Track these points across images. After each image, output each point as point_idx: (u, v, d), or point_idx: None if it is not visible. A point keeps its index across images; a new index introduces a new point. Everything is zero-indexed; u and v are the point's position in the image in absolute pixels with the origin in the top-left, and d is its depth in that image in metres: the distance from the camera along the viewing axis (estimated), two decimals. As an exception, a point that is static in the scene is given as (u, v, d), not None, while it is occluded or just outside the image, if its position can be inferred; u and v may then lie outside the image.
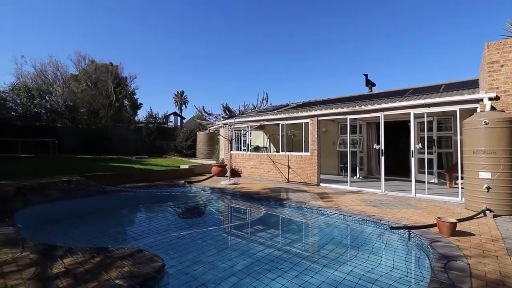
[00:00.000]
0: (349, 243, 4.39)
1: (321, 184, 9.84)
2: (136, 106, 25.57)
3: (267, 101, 26.65)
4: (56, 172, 9.02)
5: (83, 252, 3.33)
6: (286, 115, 10.98)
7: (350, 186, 9.00)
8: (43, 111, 18.44)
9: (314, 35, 48.82)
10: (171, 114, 27.07)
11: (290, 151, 11.13)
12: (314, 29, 47.47)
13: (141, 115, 26.38)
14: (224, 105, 25.05)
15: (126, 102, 24.43)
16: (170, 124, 27.44)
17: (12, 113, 17.33)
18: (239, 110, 25.28)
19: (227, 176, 10.87)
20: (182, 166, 12.80)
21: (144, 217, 6.71)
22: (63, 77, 20.78)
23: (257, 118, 12.22)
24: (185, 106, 56.49)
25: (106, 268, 2.90)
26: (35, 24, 38.09)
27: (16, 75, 19.43)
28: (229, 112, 25.02)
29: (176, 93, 56.22)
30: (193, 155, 19.56)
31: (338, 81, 59.47)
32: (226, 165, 12.64)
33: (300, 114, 10.49)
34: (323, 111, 9.79)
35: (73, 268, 2.90)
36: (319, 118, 10.04)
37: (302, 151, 10.59)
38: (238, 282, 2.94)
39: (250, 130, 12.77)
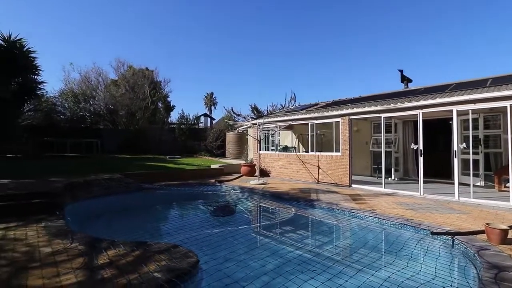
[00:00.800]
0: (385, 248, 4.19)
1: (352, 185, 9.50)
2: (169, 108, 26.82)
3: (294, 101, 26.36)
4: (99, 170, 9.74)
5: (124, 245, 3.57)
6: (316, 115, 10.77)
7: (384, 188, 8.58)
8: (87, 114, 20.06)
9: (341, 34, 47.28)
10: (201, 115, 27.93)
11: (319, 151, 10.90)
12: (340, 26, 45.98)
13: (174, 116, 27.58)
14: (253, 106, 25.24)
15: (160, 104, 25.70)
16: (201, 125, 28.30)
17: (61, 116, 19.10)
18: (267, 110, 25.30)
19: (256, 176, 10.93)
20: (212, 166, 13.12)
21: (177, 214, 7.01)
22: (104, 82, 22.43)
23: (285, 118, 12.14)
24: (215, 108, 57.89)
25: (145, 261, 3.07)
26: (81, 34, 41.63)
27: (64, 82, 21.42)
28: (257, 113, 25.15)
29: (206, 95, 57.82)
30: (223, 155, 19.96)
31: (368, 79, 56.98)
32: (255, 165, 12.73)
33: (330, 113, 10.23)
34: (355, 110, 9.45)
35: (116, 260, 3.11)
36: (351, 117, 9.70)
37: (333, 151, 10.32)
38: (270, 281, 2.95)
39: (279, 130, 12.71)
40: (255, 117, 23.35)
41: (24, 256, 3.25)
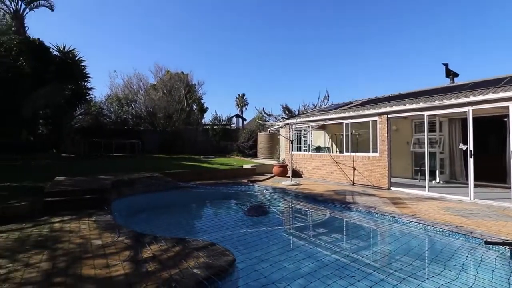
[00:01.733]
0: (431, 257, 3.88)
1: (392, 188, 8.98)
2: (203, 110, 27.77)
3: (328, 100, 25.65)
4: (141, 169, 10.38)
5: (165, 241, 3.76)
6: (351, 114, 10.37)
7: (428, 191, 7.97)
8: (129, 116, 21.55)
9: (380, 31, 44.84)
10: (233, 116, 28.44)
11: (355, 152, 10.47)
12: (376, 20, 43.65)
13: (207, 118, 28.47)
14: (284, 106, 25.05)
15: (194, 106, 26.70)
16: (233, 125, 28.84)
17: (107, 119, 20.77)
18: (299, 110, 24.96)
19: (288, 177, 10.84)
20: (244, 166, 13.29)
21: (212, 212, 7.22)
22: (144, 87, 23.91)
23: (318, 117, 11.86)
24: (246, 108, 58.60)
25: (185, 257, 3.20)
26: (125, 43, 44.93)
27: (110, 87, 23.26)
28: (288, 112, 24.92)
29: (237, 96, 58.77)
30: (254, 155, 20.10)
31: (405, 76, 53.38)
32: (287, 165, 12.63)
33: (367, 112, 9.78)
34: (394, 108, 8.91)
35: (158, 255, 3.29)
36: (389, 116, 9.17)
37: (369, 152, 9.84)
38: (307, 285, 2.90)
39: (311, 130, 12.47)
40: (286, 117, 23.17)
41: (78, 247, 3.58)
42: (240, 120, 31.27)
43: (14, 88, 10.73)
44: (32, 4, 16.46)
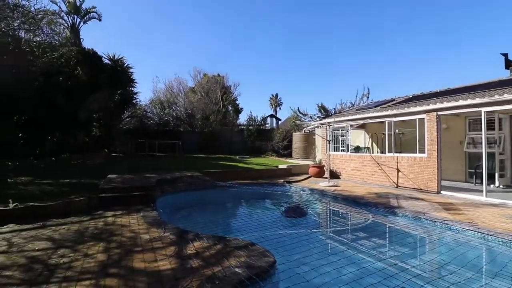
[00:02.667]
0: (495, 271, 3.46)
1: (442, 192, 8.22)
2: (238, 111, 28.30)
3: (367, 98, 24.43)
4: (182, 168, 10.88)
5: (207, 238, 3.88)
6: (394, 111, 9.72)
7: (486, 196, 7.14)
8: (170, 118, 22.79)
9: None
10: (268, 116, 28.49)
11: (398, 152, 9.80)
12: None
13: (242, 118, 28.96)
14: (319, 105, 24.43)
15: (230, 107, 27.33)
16: (267, 126, 28.92)
17: (151, 121, 22.21)
18: (335, 109, 24.15)
19: (325, 178, 10.54)
20: (280, 166, 13.22)
21: (249, 211, 7.28)
22: (184, 90, 25.10)
23: (358, 116, 11.33)
24: (279, 108, 58.37)
25: (227, 255, 3.27)
26: (166, 49, 47.71)
27: (153, 91, 24.86)
28: (324, 112, 24.24)
29: (271, 96, 58.80)
30: (289, 155, 19.91)
31: (453, 70, 48.49)
32: (324, 166, 12.28)
33: (412, 109, 9.08)
34: (445, 104, 8.15)
35: (201, 252, 3.41)
36: (439, 113, 8.41)
37: (415, 152, 9.14)
38: (351, 292, 2.77)
39: (350, 130, 11.95)
40: (322, 116, 22.56)
41: (129, 240, 3.85)
42: (275, 120, 31.22)
43: (73, 94, 12.00)
44: (85, 17, 18.27)
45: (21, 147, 10.09)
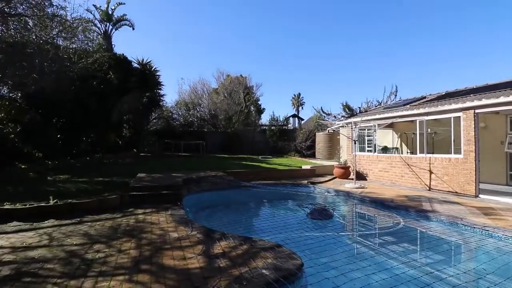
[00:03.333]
0: (546, 284, 3.14)
1: (480, 195, 7.64)
2: (260, 111, 28.35)
3: (395, 95, 23.39)
4: (206, 168, 11.10)
5: (233, 238, 3.91)
6: (427, 110, 9.19)
7: (534, 202, 6.53)
8: (195, 119, 23.37)
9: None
10: (290, 116, 28.23)
11: (431, 153, 9.27)
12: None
13: (264, 118, 28.98)
14: (344, 104, 23.77)
15: (252, 108, 27.46)
16: (290, 126, 28.69)
17: (176, 122, 22.92)
18: (360, 108, 23.38)
19: (351, 179, 10.23)
20: (303, 167, 13.04)
21: (273, 212, 7.25)
22: (207, 91, 25.63)
23: (387, 115, 10.87)
24: (302, 108, 57.58)
25: (253, 256, 3.27)
26: (190, 51, 49.06)
27: (178, 93, 25.66)
28: (349, 111, 23.55)
29: (293, 96, 58.19)
30: (312, 156, 19.60)
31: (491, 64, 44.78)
32: (349, 167, 11.92)
33: (447, 107, 8.54)
34: (484, 101, 7.56)
35: (228, 252, 3.43)
36: (477, 111, 7.83)
37: (450, 153, 8.58)
38: (384, 300, 2.65)
39: (377, 129, 11.50)
40: (347, 115, 21.94)
41: (159, 238, 3.98)
42: (297, 120, 30.86)
43: (105, 97, 12.71)
44: (117, 24, 19.24)
45: (60, 147, 10.85)
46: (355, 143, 11.22)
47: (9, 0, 7.96)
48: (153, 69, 15.25)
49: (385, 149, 12.43)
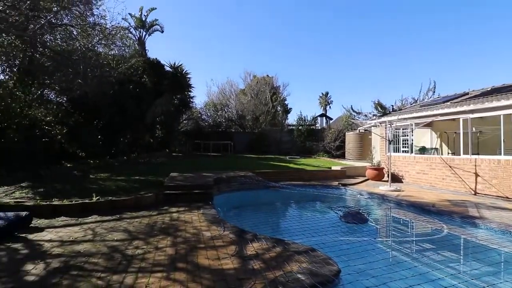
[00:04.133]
0: None
1: (538, 202, 6.85)
2: (286, 111, 28.11)
3: (433, 92, 21.93)
4: (234, 168, 11.20)
5: (266, 240, 3.87)
6: (472, 107, 8.46)
7: None
8: (223, 120, 23.79)
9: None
10: (318, 115, 27.64)
11: (476, 154, 8.50)
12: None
13: (291, 118, 28.70)
14: (376, 102, 22.73)
15: (279, 108, 27.31)
16: (318, 125, 28.09)
17: (205, 123, 23.51)
18: (392, 106, 22.20)
19: (384, 181, 9.73)
20: (333, 168, 12.66)
21: (304, 214, 7.10)
22: (235, 92, 25.97)
23: (425, 113, 10.18)
24: (329, 107, 56.06)
25: (287, 260, 3.19)
26: (219, 53, 50.14)
27: (207, 94, 26.33)
28: (381, 109, 22.48)
29: (320, 95, 56.88)
30: (342, 156, 19.02)
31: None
32: (383, 168, 11.36)
33: (496, 103, 7.78)
34: (543, 97, 6.77)
35: (261, 254, 3.40)
36: (534, 108, 7.04)
37: (499, 154, 7.81)
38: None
39: (415, 128, 10.81)
40: (380, 114, 20.95)
41: (193, 237, 4.06)
42: (325, 119, 30.11)
43: (140, 100, 13.39)
44: (149, 30, 20.20)
45: (101, 148, 11.62)
46: (390, 143, 10.64)
47: (56, 12, 8.67)
48: (184, 71, 15.79)
49: (422, 150, 11.66)
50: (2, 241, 3.68)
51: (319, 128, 26.16)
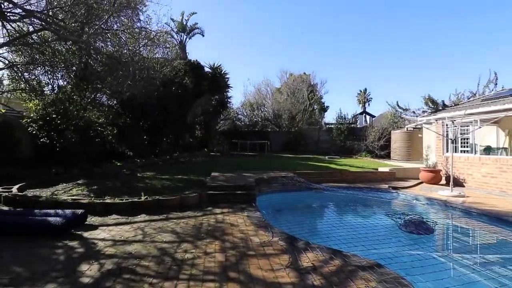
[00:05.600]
0: None
1: None
2: (323, 109, 27.14)
3: (495, 84, 19.32)
4: (273, 168, 10.90)
5: (320, 250, 3.49)
6: (560, 99, 7.08)
7: None
8: (259, 119, 23.68)
9: None
10: (359, 113, 26.21)
11: None
12: None
13: (330, 116, 27.65)
14: (426, 97, 20.66)
15: (315, 106, 26.44)
16: (359, 124, 26.63)
17: (241, 122, 23.65)
18: (443, 101, 19.97)
19: (442, 185, 8.64)
20: (380, 169, 11.70)
21: (354, 220, 6.44)
22: (271, 91, 25.72)
23: (494, 107, 8.84)
24: (368, 105, 52.93)
25: (350, 276, 2.79)
26: (256, 53, 50.41)
27: (244, 94, 26.48)
28: (433, 104, 20.41)
29: (359, 92, 54.01)
30: (387, 156, 17.72)
31: None
32: (440, 170, 10.16)
33: None
34: None
35: (318, 266, 3.03)
36: None
37: None
38: None
39: (481, 126, 9.47)
40: (431, 110, 19.03)
41: (241, 242, 3.83)
42: (368, 117, 28.43)
43: (182, 101, 13.80)
44: (190, 34, 20.85)
45: (146, 147, 12.20)
46: (452, 142, 9.40)
47: (107, 19, 9.19)
48: (222, 72, 15.94)
49: (488, 150, 10.20)
50: (60, 238, 3.83)
51: (361, 126, 24.76)
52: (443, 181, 9.89)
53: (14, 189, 5.98)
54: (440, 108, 18.23)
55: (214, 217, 5.09)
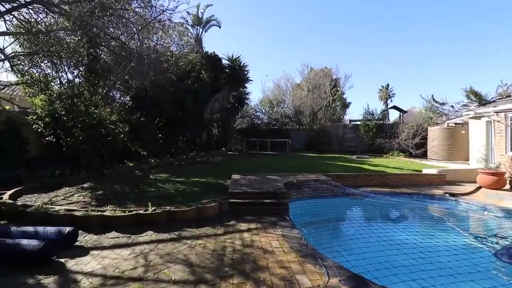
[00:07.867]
0: None
1: None
2: (345, 105, 25.42)
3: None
4: (298, 169, 9.59)
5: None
6: None
7: None
8: (279, 116, 22.34)
9: None
10: (389, 108, 24.16)
11: None
12: None
13: (356, 113, 25.87)
14: (468, 89, 18.50)
15: (337, 102, 24.75)
16: (388, 120, 24.63)
17: (260, 120, 22.40)
18: (485, 95, 17.75)
19: (507, 190, 6.99)
20: (424, 171, 10.08)
21: (424, 242, 4.64)
22: (291, 86, 24.30)
23: None
24: (391, 101, 49.79)
25: None
26: (275, 46, 48.99)
27: (262, 91, 25.26)
28: (476, 98, 18.23)
29: (380, 88, 51.01)
30: (424, 155, 15.95)
31: None
32: (504, 173, 8.45)
33: None
34: None
35: None
36: None
37: None
38: None
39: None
40: (476, 104, 16.92)
41: (284, 285, 2.61)
42: (397, 113, 26.25)
43: (198, 95, 12.81)
44: (206, 26, 19.88)
45: (161, 146, 11.31)
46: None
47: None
48: (242, 64, 14.78)
49: None
50: (35, 269, 2.80)
51: (392, 123, 22.84)
52: (507, 186, 8.23)
53: (6, 196, 5.11)
54: (486, 101, 16.12)
55: (239, 237, 3.91)
